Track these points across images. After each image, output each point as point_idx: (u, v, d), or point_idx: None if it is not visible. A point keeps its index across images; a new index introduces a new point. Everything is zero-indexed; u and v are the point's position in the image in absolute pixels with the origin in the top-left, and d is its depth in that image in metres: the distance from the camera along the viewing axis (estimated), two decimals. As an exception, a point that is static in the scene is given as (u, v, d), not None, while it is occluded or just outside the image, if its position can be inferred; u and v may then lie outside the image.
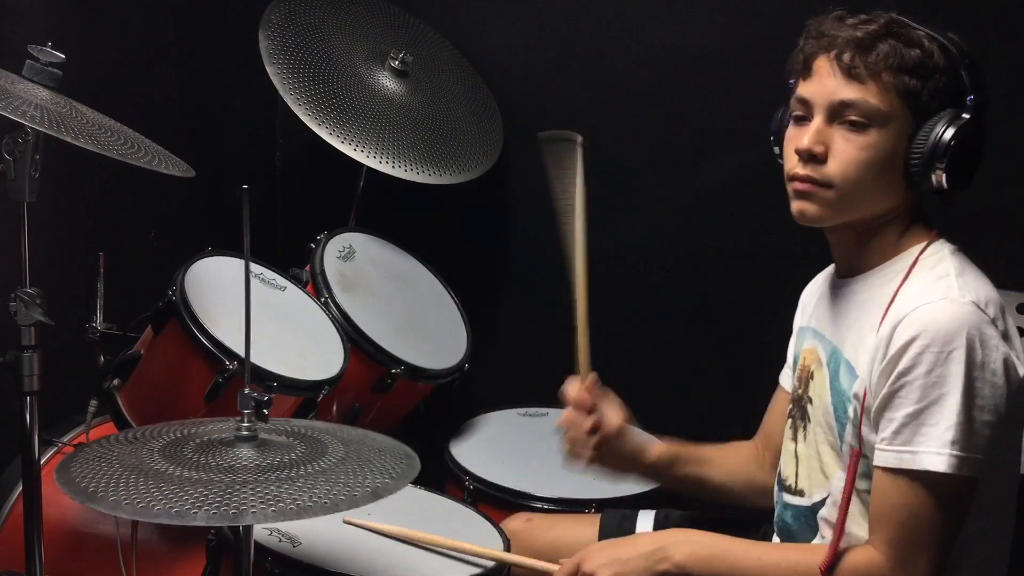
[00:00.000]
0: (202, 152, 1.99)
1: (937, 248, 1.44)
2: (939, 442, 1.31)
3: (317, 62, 2.39)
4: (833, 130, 1.40)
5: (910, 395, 1.33)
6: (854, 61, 1.38)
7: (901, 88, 1.37)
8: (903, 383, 1.33)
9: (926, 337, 1.32)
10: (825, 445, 1.49)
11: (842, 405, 1.45)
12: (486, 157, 2.56)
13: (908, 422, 1.33)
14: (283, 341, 1.93)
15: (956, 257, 1.43)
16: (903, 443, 1.34)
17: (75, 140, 1.47)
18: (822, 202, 1.42)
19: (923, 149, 1.37)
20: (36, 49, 1.58)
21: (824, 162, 1.40)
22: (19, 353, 1.55)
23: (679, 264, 2.56)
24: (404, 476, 1.30)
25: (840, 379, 1.46)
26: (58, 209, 1.94)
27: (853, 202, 1.42)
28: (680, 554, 1.46)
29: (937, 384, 1.32)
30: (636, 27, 2.52)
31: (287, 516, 1.16)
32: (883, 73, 1.37)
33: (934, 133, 1.37)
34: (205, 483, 1.20)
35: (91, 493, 1.18)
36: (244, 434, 1.32)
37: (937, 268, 1.40)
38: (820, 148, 1.40)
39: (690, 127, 2.50)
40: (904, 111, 1.38)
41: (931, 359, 1.31)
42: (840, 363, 1.47)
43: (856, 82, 1.38)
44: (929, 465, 1.31)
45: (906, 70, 1.37)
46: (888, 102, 1.37)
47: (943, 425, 1.31)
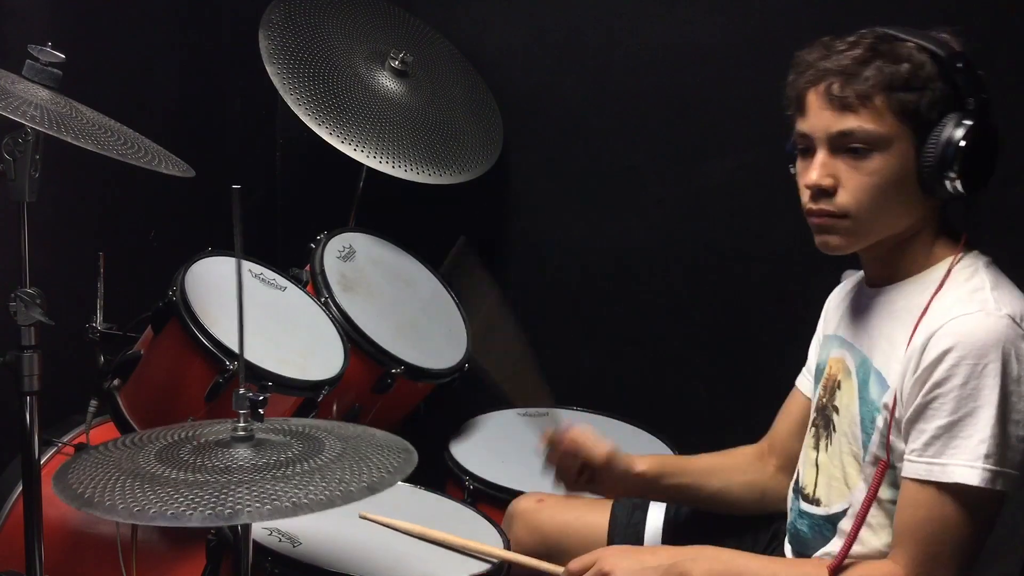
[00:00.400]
0: (202, 152, 1.99)
1: (971, 260, 1.43)
2: (972, 455, 1.30)
3: (317, 62, 2.39)
4: (838, 161, 1.40)
5: (944, 407, 1.32)
6: (844, 91, 1.38)
7: (896, 107, 1.37)
8: (936, 395, 1.32)
9: (961, 349, 1.31)
10: (849, 456, 1.48)
11: (870, 415, 1.44)
12: (486, 157, 2.56)
13: (940, 434, 1.32)
14: (283, 341, 1.93)
15: (990, 270, 1.42)
16: (934, 455, 1.32)
17: (75, 140, 1.47)
18: (843, 232, 1.42)
19: (932, 161, 1.37)
20: (36, 49, 1.58)
21: (835, 194, 1.40)
22: (19, 353, 1.56)
23: (679, 264, 2.56)
24: (401, 470, 1.30)
25: (870, 389, 1.44)
26: (58, 209, 1.94)
27: (872, 226, 1.41)
28: (697, 570, 1.45)
29: (971, 397, 1.31)
30: (636, 27, 2.52)
31: (282, 514, 1.16)
32: (875, 97, 1.37)
33: (940, 143, 1.36)
34: (201, 484, 1.20)
35: (87, 499, 1.18)
36: (240, 434, 1.31)
37: (972, 280, 1.39)
38: (828, 181, 1.40)
39: (690, 127, 2.50)
40: (904, 128, 1.38)
41: (966, 372, 1.31)
42: (870, 373, 1.45)
43: (849, 112, 1.38)
44: (961, 478, 1.30)
45: (897, 88, 1.36)
46: (886, 124, 1.37)
47: (976, 438, 1.30)
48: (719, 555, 1.49)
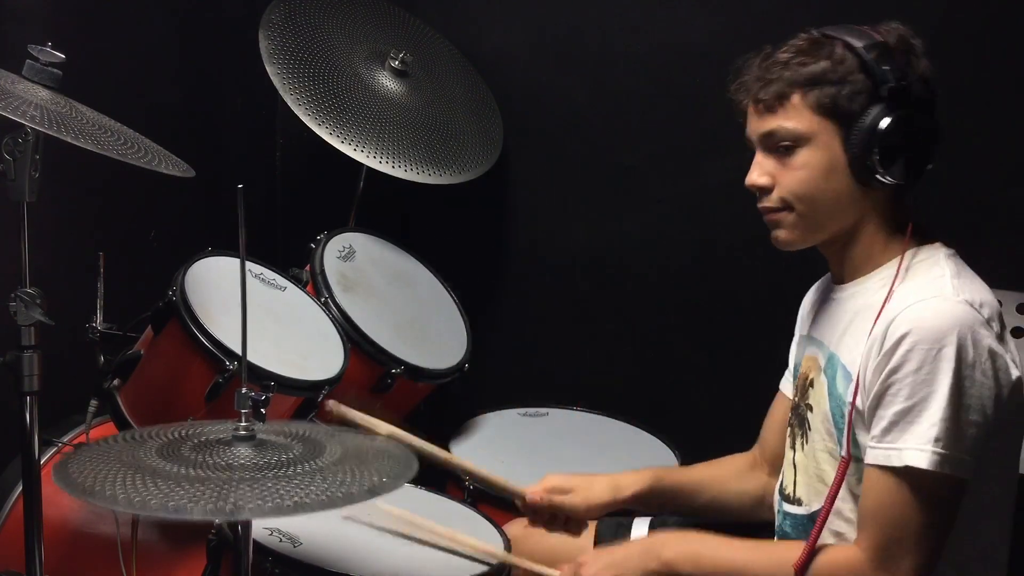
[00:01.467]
0: (202, 152, 1.99)
1: (931, 252, 1.46)
2: (923, 439, 1.32)
3: (317, 62, 2.39)
4: (771, 160, 1.48)
5: (900, 392, 1.34)
6: (764, 93, 1.45)
7: (813, 103, 1.42)
8: (893, 380, 1.34)
9: (917, 334, 1.33)
10: (824, 453, 1.50)
11: (839, 410, 1.46)
12: (486, 157, 2.56)
13: (897, 420, 1.34)
14: (283, 341, 1.93)
15: (952, 260, 1.44)
16: (891, 441, 1.35)
17: (75, 140, 1.47)
18: (788, 226, 1.49)
19: (855, 151, 1.41)
20: (36, 49, 1.58)
21: (771, 191, 1.48)
22: (19, 353, 1.56)
23: (679, 263, 2.57)
24: (402, 475, 1.30)
25: (837, 384, 1.47)
26: (58, 209, 1.94)
27: (815, 217, 1.47)
28: (669, 551, 1.50)
29: (926, 381, 1.32)
30: (636, 27, 2.52)
31: (285, 512, 1.16)
32: (792, 96, 1.43)
33: (861, 131, 1.40)
34: (202, 480, 1.20)
35: (87, 488, 1.18)
36: (242, 434, 1.31)
37: (933, 270, 1.42)
38: (764, 179, 1.48)
39: (690, 127, 2.50)
40: (826, 122, 1.42)
41: (920, 356, 1.33)
42: (837, 368, 1.48)
43: (769, 113, 1.45)
44: (911, 461, 1.32)
45: (813, 83, 1.41)
46: (805, 120, 1.43)
47: (928, 422, 1.32)
48: (688, 536, 1.55)
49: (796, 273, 1.76)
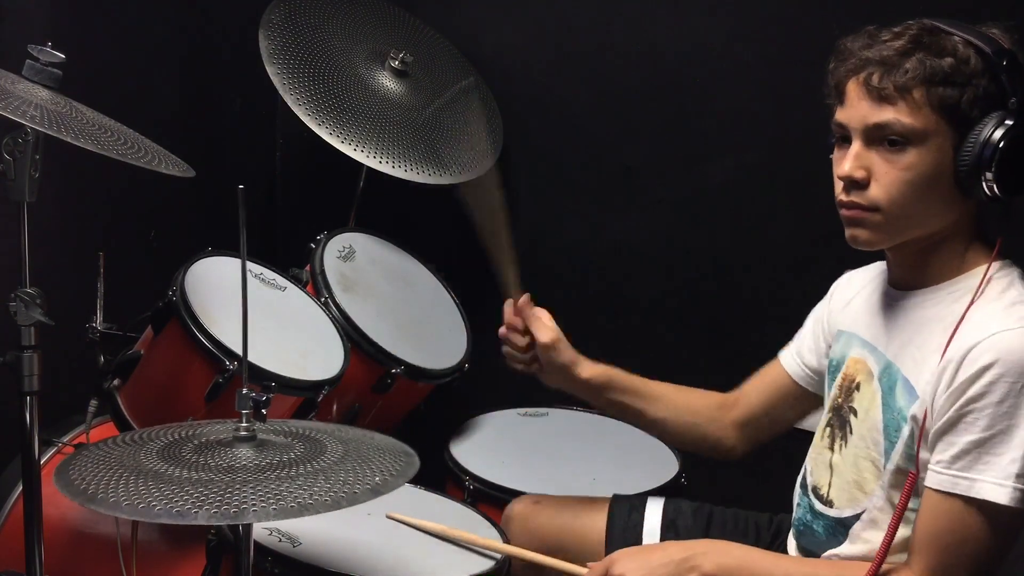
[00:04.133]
0: (202, 152, 1.99)
1: (1006, 271, 1.40)
2: (1003, 473, 1.29)
3: (317, 62, 2.39)
4: (873, 153, 1.37)
5: (977, 423, 1.30)
6: (882, 82, 1.35)
7: (935, 101, 1.33)
8: (971, 409, 1.31)
9: (1002, 366, 1.29)
10: (866, 460, 1.46)
11: (895, 423, 1.42)
12: (486, 157, 2.56)
13: (971, 449, 1.31)
14: (283, 341, 1.93)
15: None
16: (962, 469, 1.31)
17: (75, 140, 1.47)
18: (872, 227, 1.39)
19: (969, 159, 1.33)
20: (36, 49, 1.58)
21: (867, 186, 1.38)
22: (19, 353, 1.55)
23: (679, 264, 2.56)
24: (404, 473, 1.30)
25: (896, 396, 1.42)
26: (58, 209, 1.94)
27: (904, 223, 1.39)
28: (708, 564, 1.45)
29: (1008, 415, 1.29)
30: (636, 27, 2.52)
31: (288, 514, 1.16)
32: (914, 90, 1.33)
33: (979, 141, 1.32)
34: (205, 483, 1.20)
35: (90, 495, 1.18)
36: (243, 434, 1.31)
37: (1008, 292, 1.37)
38: (861, 173, 1.38)
39: (690, 127, 2.50)
40: (943, 124, 1.34)
41: (1005, 389, 1.29)
42: (897, 380, 1.43)
43: (887, 103, 1.35)
44: (989, 495, 1.29)
45: (938, 82, 1.33)
46: (923, 118, 1.34)
47: (1008, 457, 1.29)
48: (730, 549, 1.49)
49: (797, 274, 1.76)
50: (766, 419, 1.75)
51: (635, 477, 2.06)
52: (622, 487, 2.02)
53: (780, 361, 1.73)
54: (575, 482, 2.06)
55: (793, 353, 1.71)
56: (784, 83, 2.15)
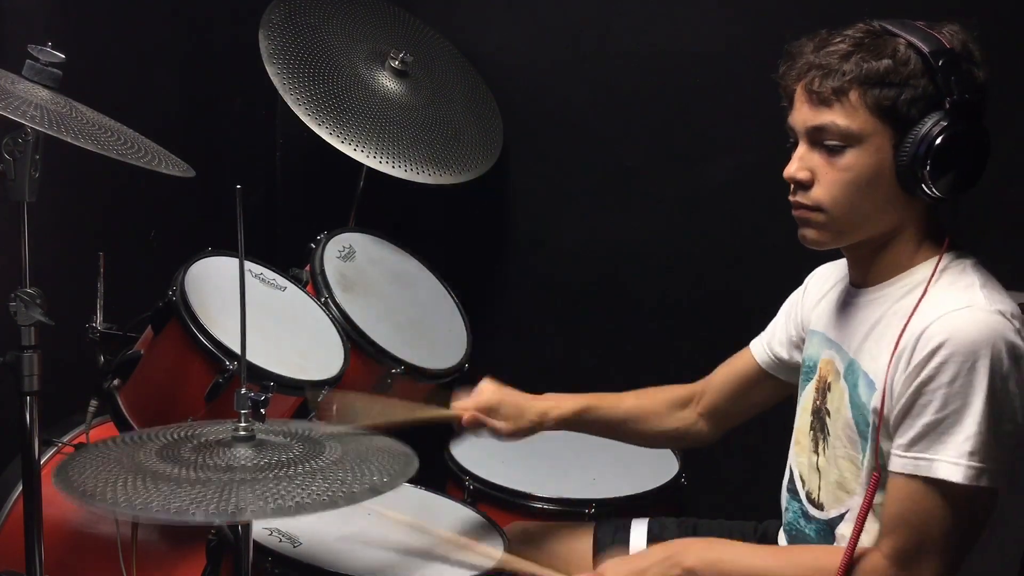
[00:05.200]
0: (202, 152, 1.99)
1: (958, 260, 1.42)
2: (956, 452, 1.30)
3: (317, 62, 2.39)
4: (816, 154, 1.41)
5: (932, 404, 1.32)
6: (820, 85, 1.38)
7: (871, 103, 1.36)
8: (925, 391, 1.32)
9: (951, 345, 1.30)
10: (845, 460, 1.47)
11: (863, 419, 1.43)
12: (486, 157, 2.56)
13: (927, 431, 1.32)
14: (283, 341, 1.93)
15: (978, 269, 1.41)
16: (921, 451, 1.33)
17: (75, 140, 1.47)
18: (818, 226, 1.43)
19: (906, 160, 1.36)
20: (36, 49, 1.58)
21: (811, 187, 1.41)
22: (19, 353, 1.56)
23: (679, 264, 2.56)
24: (402, 473, 1.30)
25: (860, 392, 1.44)
26: (58, 209, 1.94)
27: (848, 222, 1.42)
28: (690, 558, 1.47)
29: (959, 394, 1.30)
30: (636, 27, 2.52)
31: (286, 513, 1.16)
32: (850, 92, 1.36)
33: (915, 141, 1.35)
34: (203, 482, 1.20)
35: (89, 494, 1.18)
36: (241, 434, 1.31)
37: (962, 278, 1.39)
38: (804, 174, 1.42)
39: (690, 127, 2.50)
40: (881, 125, 1.36)
41: (955, 368, 1.30)
42: (859, 376, 1.45)
43: (824, 106, 1.38)
44: (945, 475, 1.31)
45: (874, 83, 1.35)
46: (859, 120, 1.37)
47: (962, 435, 1.30)
48: (711, 544, 1.53)
49: (797, 273, 1.76)
50: (733, 408, 1.79)
51: (635, 477, 2.06)
52: (622, 487, 2.03)
53: (750, 349, 1.77)
54: (575, 482, 2.06)
55: (764, 343, 1.74)
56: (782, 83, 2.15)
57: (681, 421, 1.81)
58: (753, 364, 1.74)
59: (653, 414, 1.81)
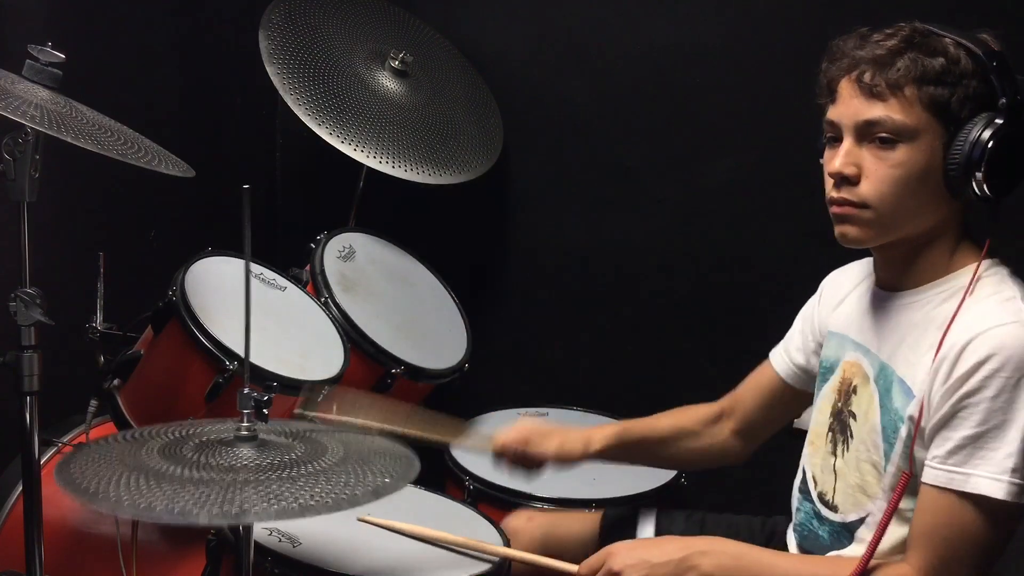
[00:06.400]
0: (202, 152, 1.99)
1: (995, 269, 1.41)
2: (998, 468, 1.30)
3: (317, 62, 2.39)
4: (863, 150, 1.39)
5: (972, 417, 1.31)
6: (874, 79, 1.36)
7: (926, 100, 1.35)
8: (967, 404, 1.31)
9: (997, 361, 1.30)
10: (867, 464, 1.46)
11: (892, 425, 1.42)
12: (486, 157, 2.56)
13: (966, 444, 1.31)
14: (283, 341, 1.93)
15: (1015, 280, 1.40)
16: (957, 464, 1.32)
17: (75, 140, 1.47)
18: (862, 224, 1.40)
19: (959, 158, 1.34)
20: (36, 49, 1.58)
21: (857, 183, 1.39)
22: (19, 353, 1.55)
23: (679, 264, 2.56)
24: (405, 476, 1.30)
25: (893, 398, 1.42)
26: (58, 209, 1.94)
27: (893, 220, 1.39)
28: (707, 564, 1.44)
29: (1003, 409, 1.30)
30: (636, 27, 2.52)
31: (290, 515, 1.16)
32: (905, 87, 1.35)
33: (968, 140, 1.33)
34: (206, 482, 1.19)
35: (92, 493, 1.18)
36: (244, 434, 1.31)
37: (1001, 289, 1.38)
38: (851, 170, 1.38)
39: (690, 127, 2.50)
40: (933, 122, 1.35)
41: (1000, 383, 1.29)
42: (893, 381, 1.43)
43: (878, 100, 1.36)
44: (985, 490, 1.30)
45: (929, 81, 1.34)
46: (914, 116, 1.35)
47: (1004, 451, 1.29)
48: (729, 548, 1.48)
49: (796, 273, 1.76)
50: (762, 421, 1.76)
51: (635, 477, 2.06)
52: (622, 487, 2.03)
53: (770, 361, 1.74)
54: (575, 482, 2.06)
55: (782, 352, 1.72)
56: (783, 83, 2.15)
57: (714, 438, 1.78)
58: (775, 376, 1.72)
59: (689, 432, 1.78)
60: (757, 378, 1.75)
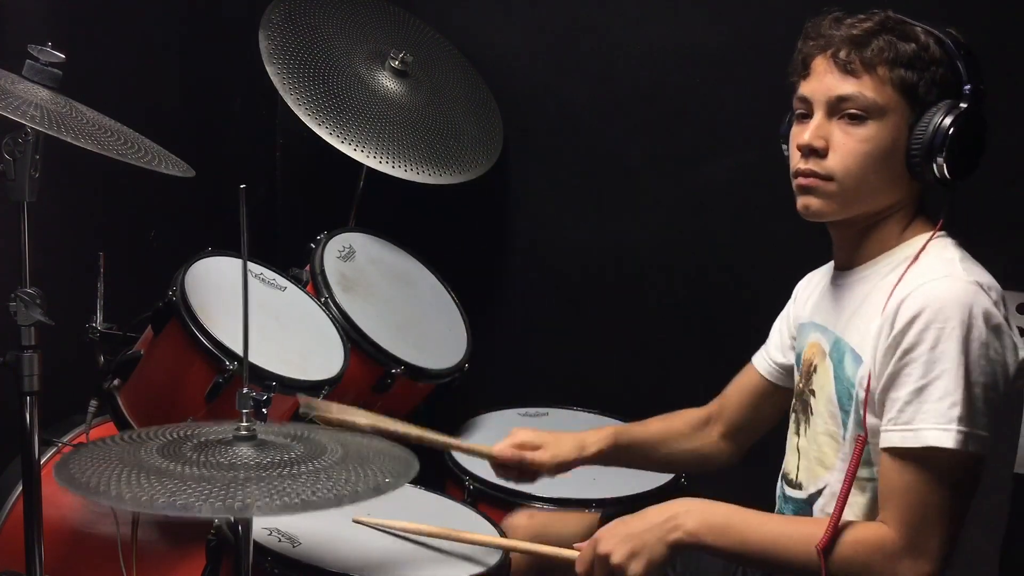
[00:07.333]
0: (202, 152, 1.99)
1: (942, 240, 1.45)
2: (944, 418, 1.32)
3: (317, 62, 2.39)
4: (833, 125, 1.44)
5: (913, 372, 1.34)
6: (849, 56, 1.42)
7: (897, 81, 1.41)
8: (907, 360, 1.34)
9: (929, 313, 1.33)
10: (825, 436, 1.50)
11: (846, 392, 1.46)
12: (486, 157, 2.56)
13: (911, 399, 1.34)
14: (283, 341, 1.93)
15: (958, 248, 1.45)
16: (906, 422, 1.34)
17: (75, 140, 1.48)
18: (825, 196, 1.45)
19: (923, 139, 1.40)
20: (36, 49, 1.58)
21: (825, 156, 1.44)
22: (19, 353, 1.56)
23: (679, 264, 2.56)
24: (405, 474, 1.30)
25: (845, 367, 1.47)
26: (58, 209, 1.94)
27: (856, 195, 1.44)
28: (692, 522, 1.43)
29: (939, 360, 1.32)
30: (636, 27, 2.52)
31: (292, 509, 1.16)
32: (879, 67, 1.41)
33: (932, 123, 1.40)
34: (207, 479, 1.20)
35: (93, 488, 1.18)
36: (243, 434, 1.31)
37: (943, 253, 1.43)
38: (820, 142, 1.44)
39: (690, 127, 2.50)
40: (902, 103, 1.41)
41: (935, 334, 1.32)
42: (845, 351, 1.47)
43: (852, 77, 1.42)
44: (934, 441, 1.31)
45: (902, 63, 1.41)
46: (885, 95, 1.41)
47: (947, 401, 1.32)
48: (712, 507, 1.46)
49: (796, 274, 1.76)
50: (749, 422, 1.79)
51: (635, 477, 2.06)
52: (622, 487, 2.03)
53: (753, 364, 1.78)
54: (575, 482, 2.05)
55: (763, 354, 1.77)
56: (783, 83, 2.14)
57: (704, 440, 1.80)
58: (758, 377, 1.76)
59: (679, 435, 1.81)
60: (741, 381, 1.79)
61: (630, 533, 1.45)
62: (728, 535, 1.43)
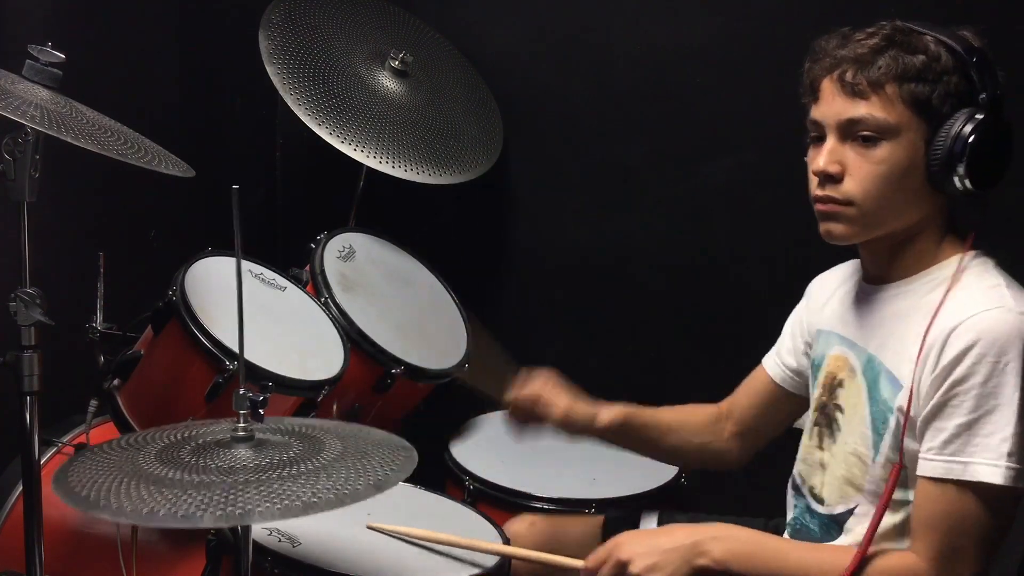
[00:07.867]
0: (202, 152, 1.99)
1: (980, 259, 1.42)
2: (994, 454, 1.30)
3: (317, 62, 2.39)
4: (847, 148, 1.41)
5: (964, 404, 1.32)
6: (856, 78, 1.38)
7: (908, 97, 1.37)
8: (957, 392, 1.32)
9: (983, 346, 1.31)
10: (853, 457, 1.47)
11: (881, 415, 1.43)
12: (486, 157, 2.56)
13: (961, 432, 1.32)
14: (283, 341, 1.93)
15: (999, 270, 1.42)
16: (953, 453, 1.32)
17: (75, 140, 1.48)
18: (847, 220, 1.42)
19: (940, 153, 1.36)
20: (36, 49, 1.58)
21: (841, 181, 1.41)
22: (19, 353, 1.55)
23: (679, 264, 2.56)
24: (404, 468, 1.30)
25: (880, 389, 1.44)
26: (58, 209, 1.94)
27: (877, 216, 1.41)
28: (719, 550, 1.43)
29: (992, 394, 1.31)
30: (636, 27, 2.52)
31: (293, 513, 1.16)
32: (886, 85, 1.37)
33: (949, 136, 1.35)
34: (207, 485, 1.19)
35: (92, 501, 1.18)
36: (241, 435, 1.31)
37: (985, 278, 1.39)
38: (835, 167, 1.41)
39: (690, 127, 2.50)
40: (915, 119, 1.37)
41: (987, 369, 1.31)
42: (880, 373, 1.44)
43: (860, 99, 1.38)
44: (984, 477, 1.30)
45: (910, 78, 1.36)
46: (896, 113, 1.37)
47: (998, 436, 1.30)
48: (739, 534, 1.47)
49: (796, 274, 1.76)
50: (759, 425, 1.77)
51: (635, 478, 2.06)
52: (622, 488, 2.03)
53: (763, 367, 1.75)
54: (575, 482, 2.06)
55: (774, 356, 1.74)
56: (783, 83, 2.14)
57: (714, 436, 1.78)
58: (768, 380, 1.73)
59: (691, 426, 1.79)
60: (752, 382, 1.77)
61: (655, 547, 1.45)
62: (754, 564, 1.42)
